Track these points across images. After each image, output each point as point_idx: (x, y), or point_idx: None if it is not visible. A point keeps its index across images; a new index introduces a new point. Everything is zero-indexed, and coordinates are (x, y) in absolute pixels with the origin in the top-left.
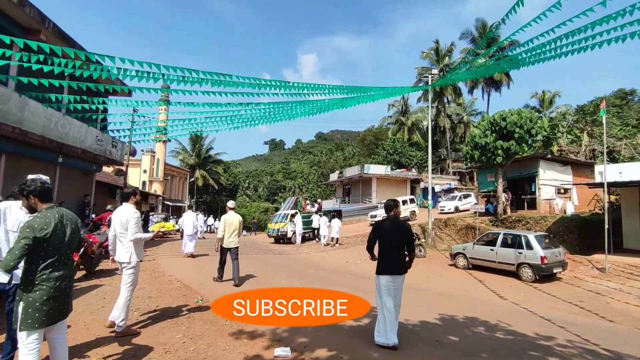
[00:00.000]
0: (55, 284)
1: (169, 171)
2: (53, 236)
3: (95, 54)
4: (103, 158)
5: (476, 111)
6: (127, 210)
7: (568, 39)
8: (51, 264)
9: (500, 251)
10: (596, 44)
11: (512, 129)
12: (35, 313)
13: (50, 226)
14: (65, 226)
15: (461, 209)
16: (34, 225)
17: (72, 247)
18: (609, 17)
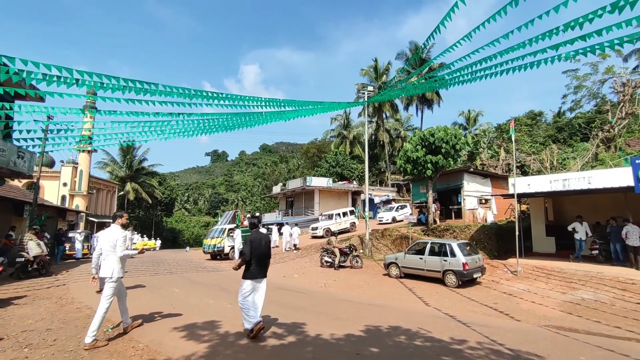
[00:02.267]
0: None
1: (95, 184)
2: None
3: None
4: (5, 170)
5: (412, 127)
6: (115, 231)
7: (482, 64)
8: None
9: (429, 259)
10: (504, 70)
11: (439, 145)
12: None
13: None
14: None
15: (398, 219)
16: None
17: None
18: (512, 47)
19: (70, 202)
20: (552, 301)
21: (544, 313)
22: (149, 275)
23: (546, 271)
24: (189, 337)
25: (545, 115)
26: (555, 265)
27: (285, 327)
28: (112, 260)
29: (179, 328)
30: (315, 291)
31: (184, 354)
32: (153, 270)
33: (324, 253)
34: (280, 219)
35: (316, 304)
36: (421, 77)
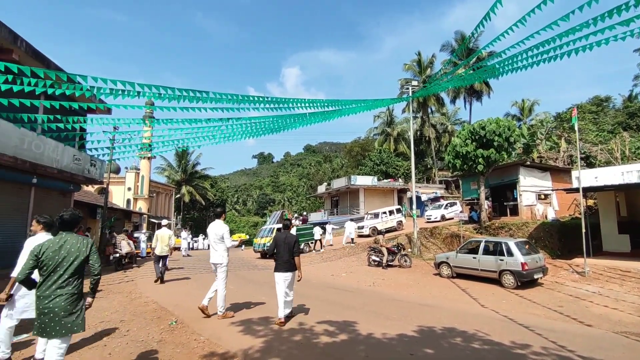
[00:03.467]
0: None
1: (154, 188)
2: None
3: (66, 73)
4: (81, 177)
5: (460, 120)
6: (220, 225)
7: (538, 49)
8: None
9: (483, 259)
10: (564, 53)
11: (491, 138)
12: None
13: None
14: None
15: (447, 217)
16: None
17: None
18: (574, 29)
19: (134, 205)
20: (628, 305)
21: (620, 318)
22: (205, 272)
23: (620, 272)
24: (245, 332)
25: (613, 101)
26: (632, 265)
27: (336, 325)
28: (221, 249)
29: (236, 323)
30: (364, 290)
31: (241, 347)
32: (209, 268)
33: (371, 252)
34: (326, 218)
35: (366, 303)
36: (469, 68)
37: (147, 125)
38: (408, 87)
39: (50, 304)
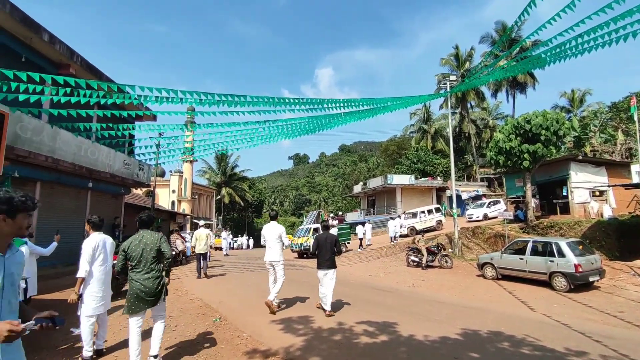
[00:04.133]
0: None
1: (196, 190)
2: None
3: (116, 83)
4: (131, 181)
5: (502, 115)
6: (277, 226)
7: (590, 35)
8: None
9: (531, 260)
10: (620, 37)
11: (537, 132)
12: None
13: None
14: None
15: (490, 216)
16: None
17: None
18: (630, 11)
19: (178, 206)
20: None
21: None
22: (246, 271)
23: None
24: (286, 330)
25: None
26: None
27: (376, 326)
28: (278, 248)
29: (276, 321)
30: (404, 291)
31: (282, 345)
32: (249, 267)
33: (410, 252)
34: (363, 218)
35: (406, 304)
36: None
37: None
38: (446, 82)
39: (142, 285)
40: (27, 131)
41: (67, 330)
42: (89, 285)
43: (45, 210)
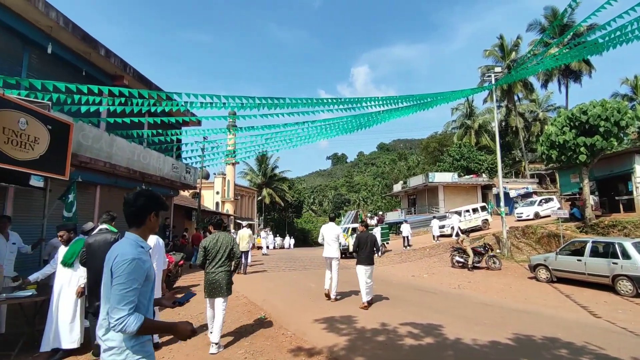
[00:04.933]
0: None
1: (239, 191)
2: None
3: (164, 92)
4: (179, 183)
5: (553, 106)
6: (335, 227)
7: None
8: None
9: (590, 262)
10: None
11: (595, 123)
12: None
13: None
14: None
15: (542, 215)
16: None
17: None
18: None
19: (222, 207)
20: None
21: None
22: (288, 270)
23: None
24: (329, 330)
25: None
26: None
27: (420, 328)
28: (336, 247)
29: (319, 320)
30: (449, 292)
31: (326, 344)
32: (291, 267)
33: (454, 252)
34: (403, 217)
35: (451, 306)
36: (564, 47)
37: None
38: (490, 74)
39: (216, 277)
40: (88, 139)
41: None
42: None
43: (104, 212)
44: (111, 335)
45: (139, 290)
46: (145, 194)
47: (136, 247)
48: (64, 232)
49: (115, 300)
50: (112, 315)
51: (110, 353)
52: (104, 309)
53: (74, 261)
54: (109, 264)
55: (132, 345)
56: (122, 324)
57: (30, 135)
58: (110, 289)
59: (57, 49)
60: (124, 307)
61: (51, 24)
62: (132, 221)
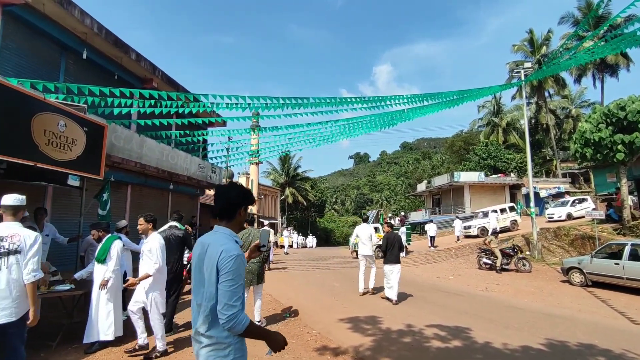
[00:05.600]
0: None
1: (262, 191)
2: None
3: (192, 94)
4: (205, 183)
5: (587, 102)
6: (369, 227)
7: None
8: None
9: (629, 266)
10: None
11: (634, 119)
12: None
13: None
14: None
15: (575, 215)
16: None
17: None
18: None
19: None
20: None
21: None
22: (311, 270)
23: None
24: (354, 330)
25: None
26: None
27: (447, 330)
28: (370, 246)
29: (344, 320)
30: (476, 295)
31: (352, 344)
32: (314, 266)
33: (481, 254)
34: (428, 217)
35: (479, 309)
36: (600, 40)
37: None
38: (519, 70)
39: (249, 267)
40: (120, 140)
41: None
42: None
43: (135, 211)
44: (214, 332)
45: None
46: (237, 187)
47: (234, 243)
48: (95, 231)
49: (226, 296)
50: (224, 312)
51: (211, 348)
52: (202, 305)
53: (105, 257)
54: (212, 260)
55: (235, 341)
56: (234, 319)
57: (69, 137)
58: (212, 285)
59: (91, 54)
60: (235, 302)
61: (86, 30)
62: (223, 214)
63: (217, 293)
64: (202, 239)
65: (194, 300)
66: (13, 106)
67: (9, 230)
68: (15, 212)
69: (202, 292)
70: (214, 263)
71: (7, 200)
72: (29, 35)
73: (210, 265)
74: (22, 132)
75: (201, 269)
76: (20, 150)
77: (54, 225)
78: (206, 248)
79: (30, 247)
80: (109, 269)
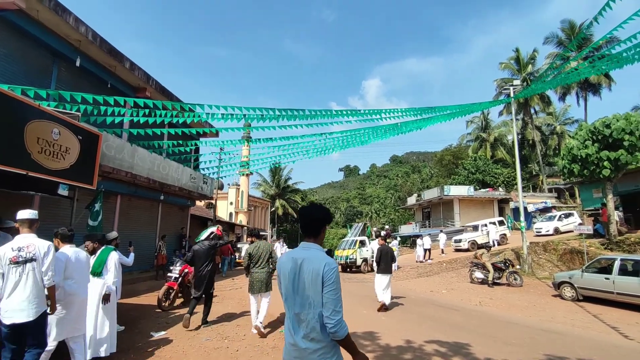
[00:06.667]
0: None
1: (252, 202)
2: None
3: (188, 104)
4: (196, 194)
5: (571, 119)
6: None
7: None
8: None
9: (619, 280)
10: None
11: (619, 137)
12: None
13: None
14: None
15: (562, 230)
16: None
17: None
18: None
19: (236, 217)
20: None
21: None
22: None
23: None
24: None
25: None
26: None
27: (447, 346)
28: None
29: None
30: (470, 309)
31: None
32: None
33: (473, 268)
34: (418, 230)
35: (476, 324)
36: (586, 60)
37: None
38: (509, 87)
39: (258, 276)
40: (112, 149)
41: (148, 333)
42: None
43: (123, 221)
44: (323, 336)
45: None
46: (321, 207)
47: (329, 256)
48: (89, 242)
49: (333, 304)
50: (332, 317)
51: (320, 353)
52: (302, 314)
53: (102, 270)
54: (316, 273)
55: (337, 346)
56: (339, 324)
57: (63, 145)
58: (318, 294)
59: (84, 62)
60: (339, 309)
61: (80, 38)
62: (310, 232)
63: (323, 301)
64: (292, 254)
65: (290, 310)
66: (5, 113)
67: (26, 241)
68: (31, 225)
69: (299, 302)
70: (318, 275)
71: (23, 215)
72: (22, 41)
73: (315, 277)
74: (14, 139)
75: (299, 282)
76: (11, 158)
77: (41, 235)
78: (300, 262)
79: (45, 255)
80: (107, 282)
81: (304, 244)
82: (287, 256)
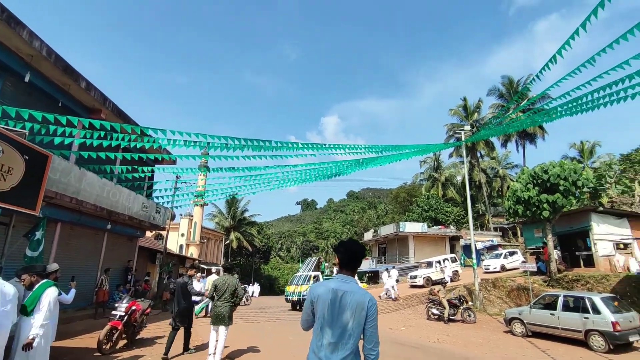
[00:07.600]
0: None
1: (205, 234)
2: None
3: (149, 127)
4: (147, 224)
5: (511, 164)
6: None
7: (605, 90)
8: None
9: (563, 316)
10: (636, 93)
11: (555, 182)
12: None
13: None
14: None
15: (508, 267)
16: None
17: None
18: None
19: (186, 250)
20: None
21: None
22: (260, 321)
23: None
24: None
25: None
26: None
27: None
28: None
29: None
30: (431, 347)
31: None
32: (262, 317)
33: (430, 304)
34: (375, 266)
35: None
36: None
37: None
38: (460, 131)
39: (220, 310)
40: (57, 172)
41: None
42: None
43: (62, 252)
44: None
45: None
46: (359, 244)
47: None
48: (27, 275)
49: (375, 336)
50: (374, 348)
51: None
52: (340, 344)
53: (34, 308)
54: (360, 306)
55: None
56: (378, 354)
57: (5, 165)
58: (360, 326)
59: (35, 78)
60: (378, 341)
61: (33, 52)
62: (350, 265)
63: (366, 334)
64: (331, 285)
65: (324, 339)
66: None
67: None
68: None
69: (339, 332)
70: (362, 309)
71: None
72: None
73: (359, 310)
74: None
75: (338, 312)
76: None
77: None
78: (341, 295)
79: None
80: (35, 324)
81: (342, 277)
82: (325, 288)
